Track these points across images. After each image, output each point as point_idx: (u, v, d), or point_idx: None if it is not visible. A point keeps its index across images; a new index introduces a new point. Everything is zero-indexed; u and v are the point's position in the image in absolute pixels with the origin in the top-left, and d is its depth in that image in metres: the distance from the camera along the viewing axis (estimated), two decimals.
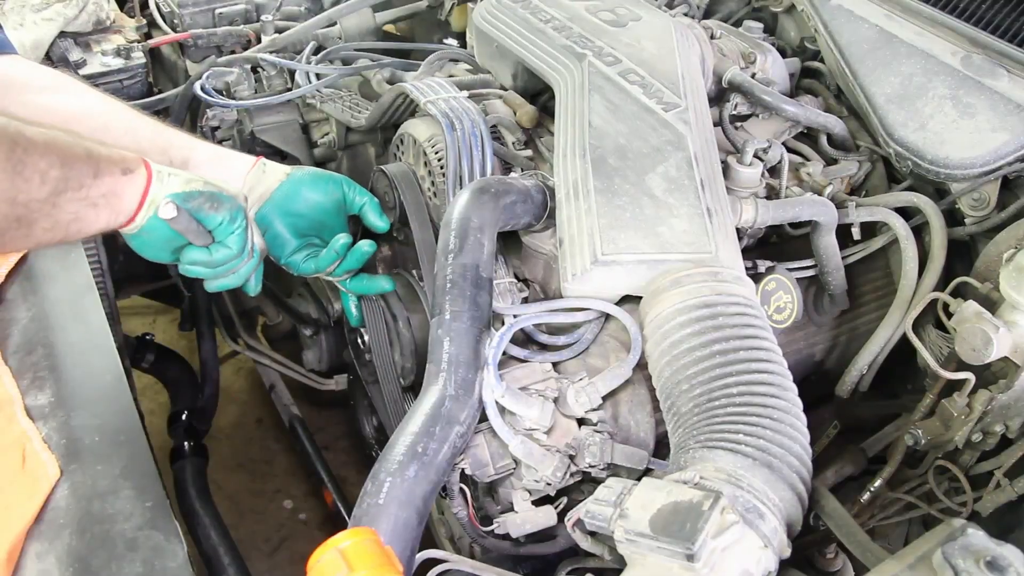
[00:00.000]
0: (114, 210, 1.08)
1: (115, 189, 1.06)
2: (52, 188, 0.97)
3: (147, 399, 2.39)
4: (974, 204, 1.36)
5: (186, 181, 1.14)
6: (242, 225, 1.20)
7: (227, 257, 1.20)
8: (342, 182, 1.40)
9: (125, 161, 1.08)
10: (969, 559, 0.73)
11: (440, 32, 2.12)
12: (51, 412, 1.06)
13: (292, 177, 1.36)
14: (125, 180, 1.08)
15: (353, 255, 1.37)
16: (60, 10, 1.91)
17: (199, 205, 1.14)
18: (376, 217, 1.40)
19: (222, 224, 1.17)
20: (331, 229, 1.39)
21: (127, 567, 0.89)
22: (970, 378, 1.14)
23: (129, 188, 1.08)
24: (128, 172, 1.08)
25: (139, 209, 1.10)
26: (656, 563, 0.78)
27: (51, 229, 1.00)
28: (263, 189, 1.34)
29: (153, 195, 1.10)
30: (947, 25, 1.47)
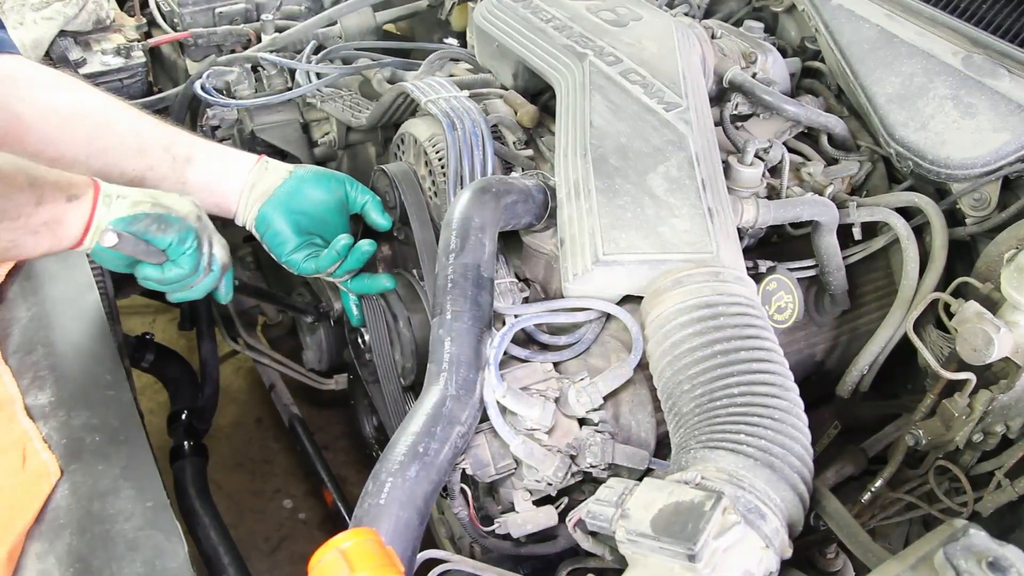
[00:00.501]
0: (56, 236, 1.09)
1: (58, 216, 1.07)
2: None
3: (146, 398, 2.38)
4: (975, 204, 1.36)
5: (133, 204, 1.14)
6: (192, 246, 1.19)
7: (178, 276, 1.20)
8: (344, 180, 1.40)
9: (72, 187, 1.09)
10: (971, 560, 0.73)
11: (440, 31, 2.12)
12: (51, 412, 1.06)
13: (295, 175, 1.36)
14: (69, 207, 1.09)
15: (354, 255, 1.37)
16: (60, 9, 1.91)
17: (146, 227, 1.14)
18: (378, 215, 1.40)
19: (171, 245, 1.17)
20: (333, 227, 1.39)
21: (128, 567, 0.89)
22: (971, 378, 1.14)
23: (73, 214, 1.09)
24: (73, 199, 1.09)
25: (84, 234, 1.11)
26: (657, 563, 0.78)
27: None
28: (265, 186, 1.35)
29: (98, 221, 1.11)
30: (948, 25, 1.47)
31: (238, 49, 2.04)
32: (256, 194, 1.35)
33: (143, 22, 2.08)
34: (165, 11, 2.08)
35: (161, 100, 1.92)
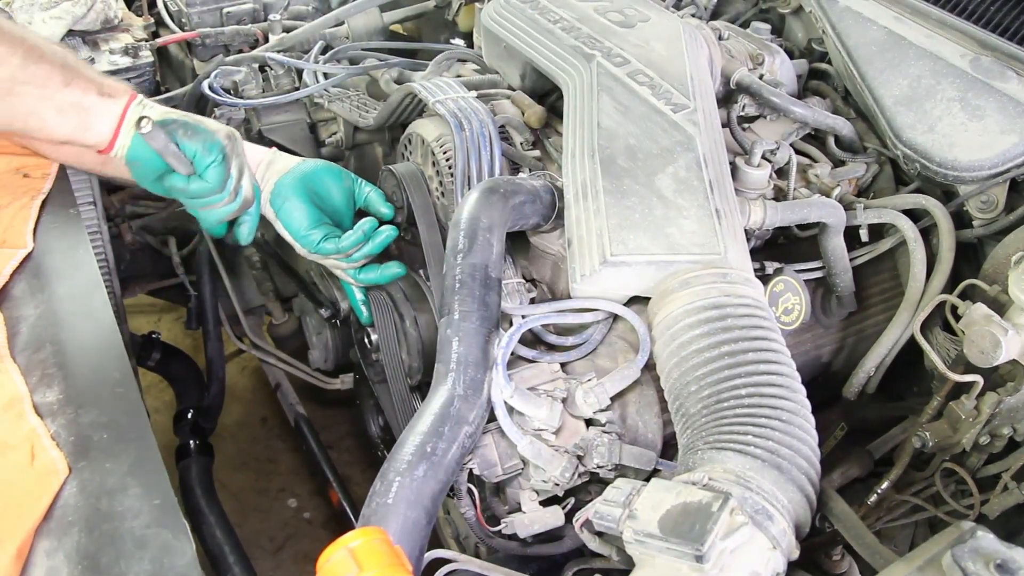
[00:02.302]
0: (82, 123, 1.13)
1: (86, 105, 1.12)
2: (8, 74, 1.03)
3: (152, 397, 2.39)
4: (982, 206, 1.36)
5: (164, 112, 1.20)
6: (218, 158, 1.22)
7: (203, 190, 1.22)
8: (351, 175, 1.44)
9: (107, 86, 1.15)
10: (979, 562, 0.73)
11: (447, 32, 2.12)
12: (60, 409, 1.06)
13: (310, 161, 1.40)
14: (100, 100, 1.14)
15: (375, 239, 1.39)
16: (68, 8, 1.92)
17: (174, 130, 1.19)
18: (381, 204, 1.43)
19: (197, 154, 1.20)
20: (341, 216, 1.43)
21: (136, 565, 0.89)
22: (978, 380, 1.14)
23: (103, 109, 1.15)
24: (107, 96, 1.14)
25: (117, 131, 1.16)
26: (665, 564, 0.78)
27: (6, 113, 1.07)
28: (281, 165, 1.39)
29: (131, 118, 1.16)
30: (956, 27, 1.47)
31: (245, 49, 2.04)
32: (274, 169, 1.38)
33: (151, 22, 2.09)
34: (173, 11, 2.09)
35: (169, 100, 1.92)
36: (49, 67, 1.08)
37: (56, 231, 1.24)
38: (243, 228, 1.34)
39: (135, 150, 1.18)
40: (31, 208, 1.24)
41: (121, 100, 1.17)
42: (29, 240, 1.22)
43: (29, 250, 1.22)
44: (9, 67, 1.03)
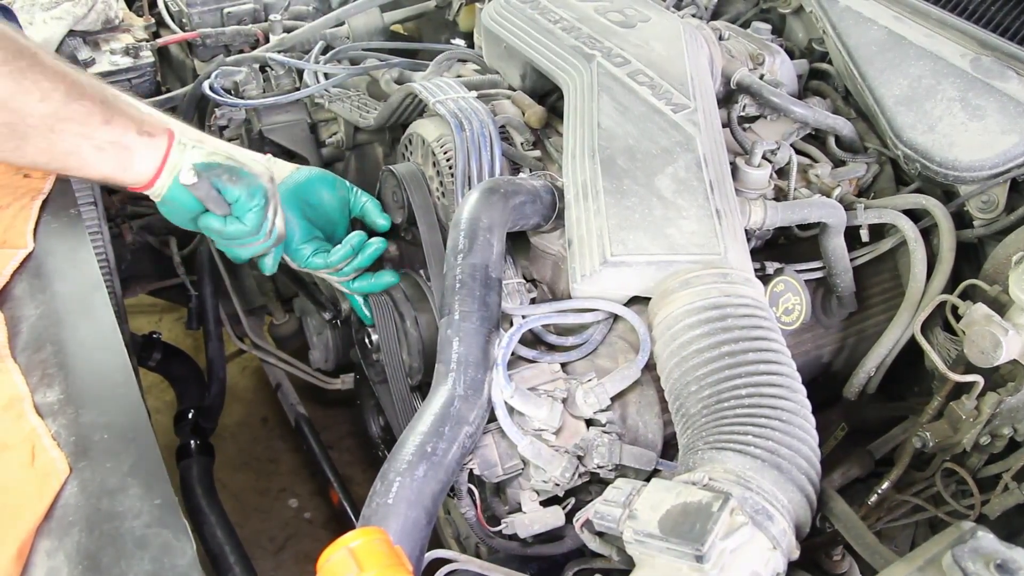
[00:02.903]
0: (122, 163, 1.09)
1: (126, 144, 1.08)
2: (52, 111, 0.98)
3: (153, 397, 2.39)
4: (983, 206, 1.36)
5: (209, 153, 1.16)
6: (260, 204, 1.21)
7: (239, 233, 1.21)
8: (346, 183, 1.42)
9: (146, 123, 1.10)
10: (979, 562, 0.73)
11: (448, 32, 2.13)
12: (60, 409, 1.06)
13: (304, 169, 1.38)
14: (141, 140, 1.10)
15: (365, 252, 1.38)
16: (69, 9, 1.92)
17: (218, 175, 1.16)
18: (377, 215, 1.42)
19: (239, 199, 1.18)
20: (336, 226, 1.41)
21: (136, 565, 0.89)
22: (978, 381, 1.14)
23: (145, 150, 1.11)
24: (147, 135, 1.10)
25: (158, 174, 1.12)
26: (665, 564, 0.78)
27: (46, 151, 1.02)
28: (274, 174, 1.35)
29: (173, 162, 1.13)
30: (956, 27, 1.47)
31: (246, 49, 2.04)
32: None
33: (151, 22, 2.09)
34: (173, 11, 2.09)
35: (169, 100, 1.93)
36: (90, 104, 1.04)
37: (57, 231, 1.24)
38: (268, 259, 1.32)
39: (173, 193, 1.15)
40: (32, 208, 1.24)
41: (161, 140, 1.13)
42: (30, 240, 1.22)
43: (30, 250, 1.22)
44: (52, 103, 0.99)
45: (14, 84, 0.94)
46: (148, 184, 1.13)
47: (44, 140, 1.00)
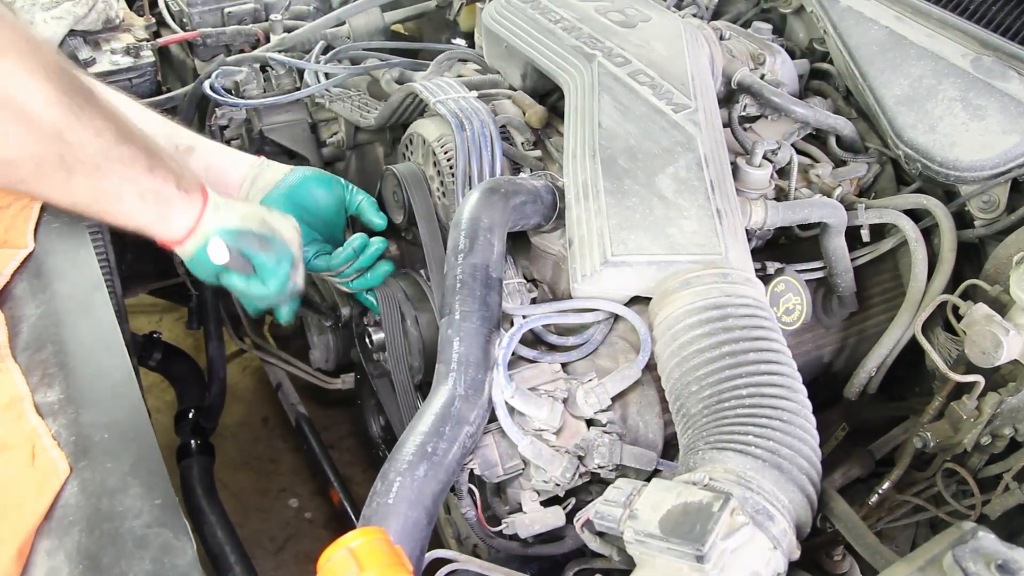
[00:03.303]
0: (161, 216, 1.08)
1: (165, 195, 1.06)
2: (102, 148, 0.96)
3: (153, 397, 2.39)
4: (984, 206, 1.36)
5: (242, 217, 1.15)
6: (286, 270, 1.20)
7: (262, 295, 1.21)
8: (340, 181, 1.41)
9: (183, 178, 1.09)
10: (980, 562, 0.73)
11: (448, 32, 2.13)
12: (60, 409, 1.06)
13: (297, 171, 1.37)
14: (179, 196, 1.08)
15: (366, 253, 1.38)
16: (70, 8, 1.92)
17: (249, 243, 1.15)
18: (373, 214, 1.41)
19: (266, 266, 1.18)
20: (332, 226, 1.41)
21: (136, 564, 0.89)
22: (979, 381, 1.14)
23: (181, 206, 1.09)
24: (184, 190, 1.09)
25: (190, 234, 1.11)
26: (666, 564, 0.78)
27: (91, 190, 0.99)
28: (266, 181, 1.35)
29: (205, 225, 1.11)
30: (957, 27, 1.47)
31: (247, 49, 2.04)
32: (258, 187, 1.34)
33: (152, 22, 2.08)
34: (174, 11, 2.09)
35: (170, 99, 1.93)
36: (136, 149, 1.01)
37: (57, 231, 1.24)
38: (284, 310, 1.31)
39: (202, 253, 1.14)
40: (32, 208, 1.24)
41: (197, 198, 1.11)
42: (30, 240, 1.22)
43: (30, 250, 1.22)
44: (104, 141, 0.97)
45: (72, 117, 0.92)
46: (179, 241, 1.12)
47: (90, 178, 0.98)
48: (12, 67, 0.85)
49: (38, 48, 0.88)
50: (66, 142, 0.93)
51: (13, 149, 0.89)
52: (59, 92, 0.90)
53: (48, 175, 0.94)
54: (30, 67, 0.87)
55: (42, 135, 0.90)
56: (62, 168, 0.94)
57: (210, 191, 1.13)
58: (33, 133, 0.89)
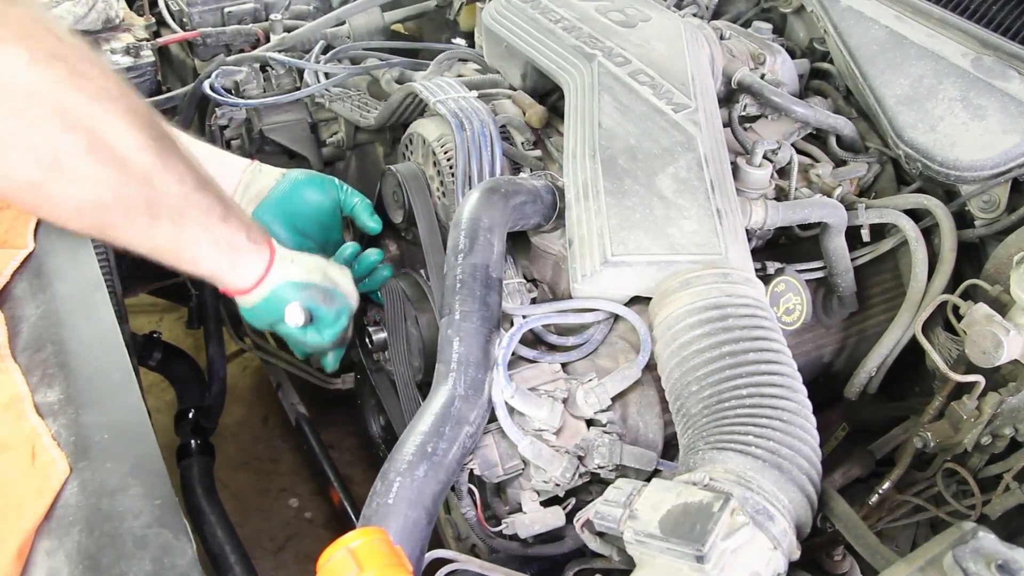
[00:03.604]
0: (230, 264, 1.09)
1: (237, 244, 1.08)
2: (184, 194, 0.98)
3: (153, 397, 2.39)
4: (984, 206, 1.36)
5: (307, 271, 1.18)
6: (343, 323, 1.23)
7: (317, 344, 1.24)
8: (335, 182, 1.40)
9: (254, 231, 1.11)
10: (980, 562, 0.73)
11: (448, 31, 2.12)
12: (60, 409, 1.06)
13: (288, 176, 1.36)
14: (249, 247, 1.10)
15: (361, 264, 1.38)
16: (70, 8, 1.92)
17: (312, 296, 1.18)
18: (367, 217, 1.40)
19: (327, 318, 1.21)
20: (328, 229, 1.40)
21: (136, 565, 0.89)
22: (980, 381, 1.14)
23: (250, 257, 1.11)
24: (253, 240, 1.10)
25: (256, 284, 1.13)
26: (666, 564, 0.78)
27: (172, 236, 1.00)
28: (259, 188, 1.34)
29: (272, 278, 1.14)
30: (958, 27, 1.47)
31: (247, 49, 2.04)
32: (250, 195, 1.34)
33: (152, 21, 2.08)
34: (174, 11, 2.09)
35: (170, 99, 1.93)
36: (213, 197, 1.03)
37: (57, 231, 1.24)
38: (330, 357, 1.33)
39: (264, 304, 1.16)
40: None
41: (264, 250, 1.13)
42: (30, 240, 1.22)
43: (30, 250, 1.22)
44: (185, 187, 0.98)
45: (159, 162, 0.94)
46: (246, 291, 1.14)
47: (172, 223, 0.99)
48: (106, 112, 0.87)
49: (129, 94, 0.90)
50: (153, 187, 0.94)
51: (107, 191, 0.90)
52: (148, 137, 0.91)
53: (135, 220, 0.95)
54: (122, 112, 0.88)
55: (133, 179, 0.91)
56: (148, 213, 0.95)
57: (276, 243, 1.16)
58: (125, 177, 0.90)
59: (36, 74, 0.81)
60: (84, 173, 0.87)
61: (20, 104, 0.81)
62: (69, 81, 0.83)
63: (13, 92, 0.80)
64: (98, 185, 0.89)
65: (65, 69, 0.83)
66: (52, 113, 0.83)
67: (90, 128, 0.86)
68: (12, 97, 0.80)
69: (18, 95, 0.81)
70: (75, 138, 0.85)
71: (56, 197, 0.88)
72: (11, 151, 0.83)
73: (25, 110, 0.81)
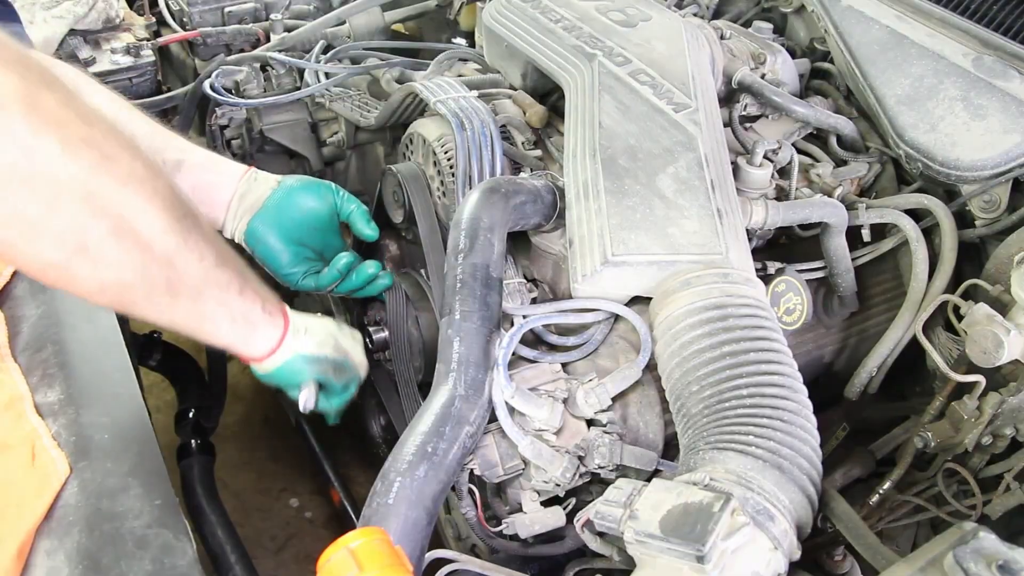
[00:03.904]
0: (245, 337, 1.11)
1: (253, 319, 1.10)
2: (204, 272, 0.99)
3: (153, 397, 2.39)
4: (985, 206, 1.36)
5: (319, 344, 1.19)
6: (351, 392, 1.27)
7: (324, 410, 1.27)
8: (332, 187, 1.40)
9: (268, 300, 1.12)
10: (981, 563, 0.72)
11: (449, 31, 2.12)
12: (60, 409, 1.06)
13: (284, 185, 1.35)
14: (263, 318, 1.11)
15: (358, 276, 1.37)
16: (70, 8, 1.92)
17: (324, 370, 1.19)
18: (364, 225, 1.40)
19: (335, 388, 1.24)
20: (325, 235, 1.39)
21: (136, 565, 0.89)
22: (980, 381, 1.14)
23: (265, 329, 1.12)
24: (268, 312, 1.12)
25: (269, 355, 1.14)
26: (666, 564, 0.78)
27: (191, 313, 1.02)
28: (254, 198, 1.33)
29: (285, 350, 1.15)
30: (958, 26, 1.46)
31: (247, 48, 2.04)
32: (245, 206, 1.33)
33: (152, 21, 2.09)
34: (174, 10, 2.09)
35: (170, 99, 1.93)
36: (231, 272, 1.04)
37: None
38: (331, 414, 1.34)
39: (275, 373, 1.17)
40: None
41: (279, 321, 1.14)
42: None
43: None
44: (205, 265, 0.99)
45: (182, 242, 0.95)
46: (258, 360, 1.15)
47: (191, 301, 1.00)
48: (133, 196, 0.88)
49: (156, 174, 0.92)
50: (175, 267, 0.95)
51: (130, 273, 0.91)
52: (172, 219, 0.93)
53: (156, 299, 0.96)
54: (149, 194, 0.90)
55: (155, 261, 0.93)
56: (168, 292, 0.97)
57: (290, 312, 1.17)
58: (148, 259, 0.92)
59: (68, 162, 0.82)
60: (109, 257, 0.88)
61: (51, 192, 0.82)
62: (100, 167, 0.85)
63: (45, 180, 0.81)
64: (121, 268, 0.90)
65: (96, 155, 0.84)
66: (82, 200, 0.84)
67: (117, 214, 0.87)
68: (45, 185, 0.81)
69: (50, 183, 0.81)
70: (102, 224, 0.86)
71: (79, 278, 0.89)
72: (39, 238, 0.84)
73: (55, 198, 0.82)
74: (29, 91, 0.78)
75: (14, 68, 0.77)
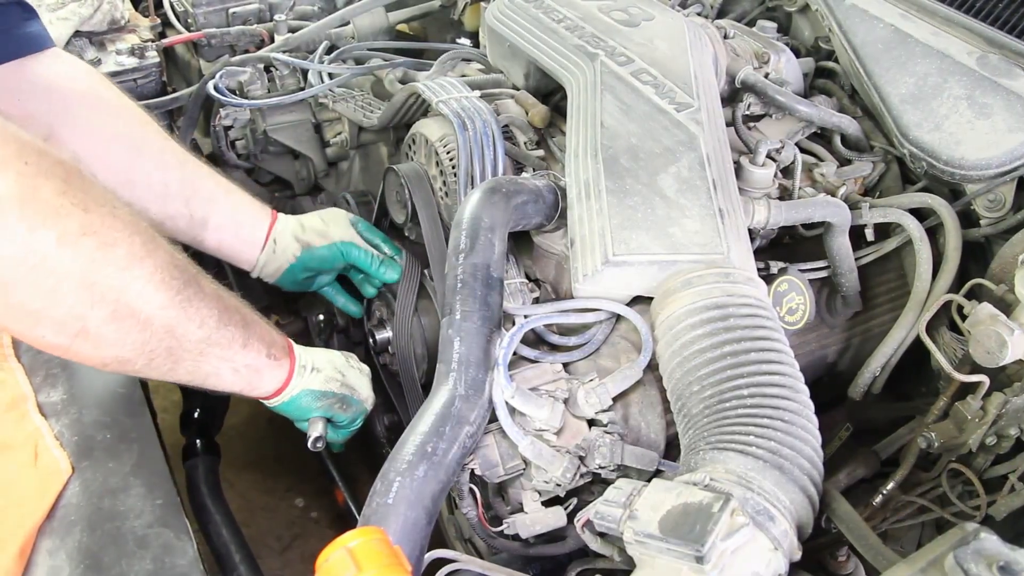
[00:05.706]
0: (251, 384, 1.15)
1: (257, 366, 1.14)
2: (205, 336, 1.03)
3: (160, 397, 2.39)
4: (989, 205, 1.35)
5: (325, 380, 1.24)
6: (357, 425, 1.32)
7: (331, 441, 1.31)
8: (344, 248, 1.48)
9: (273, 346, 1.16)
10: (981, 563, 0.72)
11: (453, 32, 2.12)
12: (63, 409, 1.07)
13: (302, 260, 1.45)
14: (268, 364, 1.15)
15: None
16: (75, 9, 1.92)
17: (330, 405, 1.25)
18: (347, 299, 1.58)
19: (342, 421, 1.29)
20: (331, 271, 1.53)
21: (137, 564, 0.89)
22: (984, 381, 1.13)
23: (270, 373, 1.17)
24: (273, 358, 1.16)
25: (277, 393, 1.19)
26: (665, 565, 0.77)
27: (191, 373, 1.05)
28: (274, 268, 1.45)
29: (291, 388, 1.20)
30: (963, 25, 1.46)
31: (251, 49, 2.04)
32: (267, 273, 1.46)
33: (157, 22, 2.09)
34: (179, 11, 2.09)
35: (175, 100, 1.93)
36: (234, 329, 1.08)
37: None
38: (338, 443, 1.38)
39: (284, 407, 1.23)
40: None
41: (285, 363, 1.19)
42: None
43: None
44: (207, 329, 1.03)
45: (182, 313, 0.98)
46: (266, 398, 1.20)
47: (193, 363, 1.04)
48: (133, 280, 0.91)
49: (156, 248, 0.95)
50: (175, 337, 0.99)
51: (130, 350, 0.95)
52: (172, 292, 0.96)
53: (157, 366, 1.00)
54: (148, 274, 0.93)
55: (155, 335, 0.96)
56: (170, 359, 1.00)
57: (297, 350, 1.23)
58: (147, 335, 0.95)
59: (65, 254, 0.84)
60: (109, 338, 0.92)
61: (50, 284, 0.85)
62: (99, 254, 0.87)
63: (45, 274, 0.84)
64: (122, 347, 0.94)
65: (94, 243, 0.86)
66: (81, 288, 0.87)
67: (116, 299, 0.90)
68: (44, 278, 0.84)
69: (49, 276, 0.84)
70: (102, 310, 0.89)
71: (81, 356, 0.93)
72: (39, 326, 0.88)
73: (54, 290, 0.85)
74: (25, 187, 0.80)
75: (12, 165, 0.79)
